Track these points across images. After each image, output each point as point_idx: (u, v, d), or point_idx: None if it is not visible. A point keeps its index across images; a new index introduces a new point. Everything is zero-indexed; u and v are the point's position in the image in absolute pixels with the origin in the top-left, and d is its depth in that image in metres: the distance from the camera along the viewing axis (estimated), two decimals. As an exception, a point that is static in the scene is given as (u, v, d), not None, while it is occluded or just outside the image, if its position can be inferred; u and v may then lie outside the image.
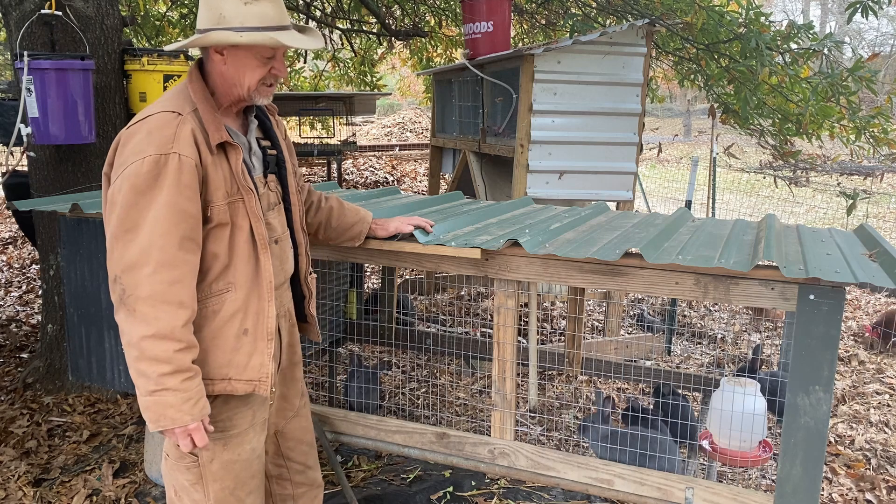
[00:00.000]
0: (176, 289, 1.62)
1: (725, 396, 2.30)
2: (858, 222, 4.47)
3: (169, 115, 1.68)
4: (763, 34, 4.46)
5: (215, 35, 1.69)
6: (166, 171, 1.62)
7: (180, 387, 1.63)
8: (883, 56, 18.79)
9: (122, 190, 1.62)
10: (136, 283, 1.61)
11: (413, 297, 5.64)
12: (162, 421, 1.64)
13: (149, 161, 1.61)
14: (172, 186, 1.62)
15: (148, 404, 1.64)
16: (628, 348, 4.56)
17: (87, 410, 3.75)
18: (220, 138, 1.72)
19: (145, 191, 1.61)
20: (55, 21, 3.43)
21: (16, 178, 4.04)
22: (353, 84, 8.69)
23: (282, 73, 1.80)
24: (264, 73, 1.76)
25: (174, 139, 1.64)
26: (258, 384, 1.79)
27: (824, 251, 2.17)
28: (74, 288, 2.64)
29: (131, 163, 1.62)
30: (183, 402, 1.63)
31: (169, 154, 1.62)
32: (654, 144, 12.96)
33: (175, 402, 1.63)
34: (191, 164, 1.65)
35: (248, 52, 1.72)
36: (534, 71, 4.14)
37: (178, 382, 1.62)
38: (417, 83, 15.27)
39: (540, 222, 2.58)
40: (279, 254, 1.89)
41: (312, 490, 2.15)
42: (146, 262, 1.60)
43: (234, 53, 1.73)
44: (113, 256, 1.64)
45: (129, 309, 1.62)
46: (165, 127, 1.66)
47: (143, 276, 1.60)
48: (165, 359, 1.61)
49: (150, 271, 1.60)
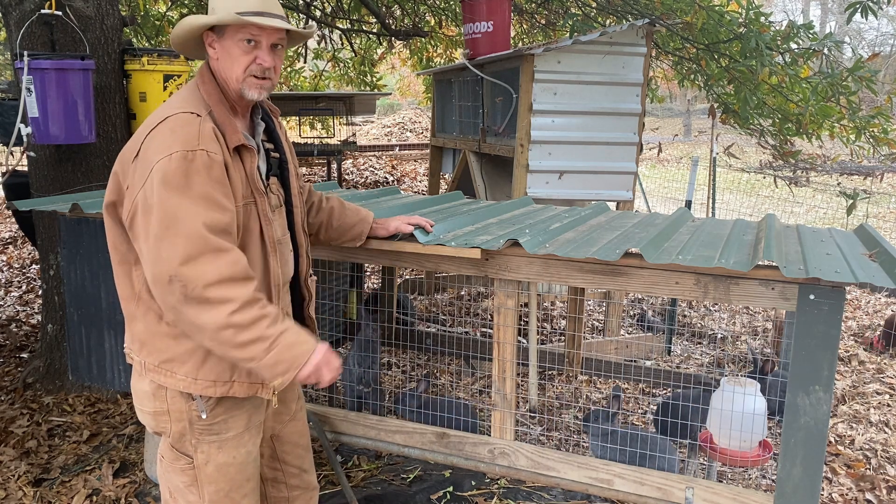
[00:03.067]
0: (238, 268, 1.61)
1: (725, 396, 2.30)
2: (858, 222, 4.47)
3: (188, 115, 1.67)
4: (763, 34, 4.46)
5: (191, 19, 1.72)
6: (195, 166, 1.60)
7: (288, 326, 1.65)
8: (883, 56, 18.80)
9: (155, 190, 1.59)
10: (197, 273, 1.56)
11: (413, 297, 5.64)
12: (298, 359, 1.64)
13: (176, 157, 1.59)
14: (204, 181, 1.61)
15: (275, 359, 1.62)
16: (628, 348, 4.56)
17: (87, 410, 3.75)
18: (238, 141, 1.72)
19: (178, 185, 1.58)
20: (55, 21, 3.42)
21: (16, 178, 4.03)
22: (353, 84, 8.69)
23: (266, 61, 1.76)
24: (248, 62, 1.74)
25: (199, 136, 1.63)
26: (261, 387, 1.79)
27: (824, 251, 2.17)
28: (74, 288, 2.65)
29: (157, 160, 1.60)
30: (299, 334, 1.66)
31: (196, 150, 1.61)
32: (654, 144, 12.96)
33: (296, 338, 1.65)
34: (219, 160, 1.65)
35: (231, 40, 1.73)
36: (534, 71, 4.14)
37: (284, 325, 1.64)
38: (417, 83, 15.28)
39: (540, 222, 2.58)
40: (279, 256, 1.89)
41: (307, 493, 2.15)
42: (200, 251, 1.57)
43: (221, 44, 1.75)
44: (162, 257, 1.58)
45: (200, 300, 1.57)
46: (188, 125, 1.65)
47: (204, 264, 1.57)
48: (260, 316, 1.61)
49: (209, 258, 1.58)
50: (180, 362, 1.73)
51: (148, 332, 1.75)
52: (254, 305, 1.61)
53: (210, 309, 1.58)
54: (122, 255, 1.78)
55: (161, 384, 1.76)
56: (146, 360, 1.77)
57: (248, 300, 1.60)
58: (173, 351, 1.73)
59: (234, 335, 1.59)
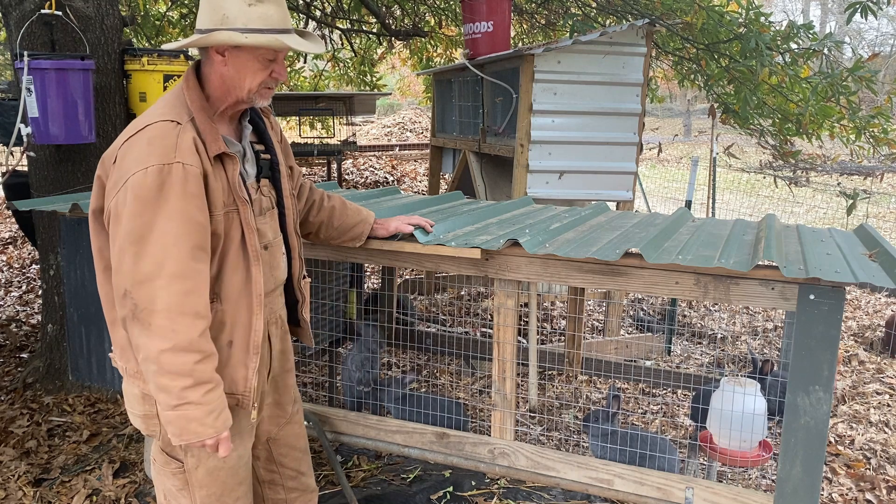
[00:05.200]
0: (191, 299, 1.59)
1: (725, 396, 2.30)
2: (858, 222, 4.46)
3: (168, 124, 1.65)
4: (763, 34, 4.46)
5: (219, 35, 1.66)
6: (171, 180, 1.58)
7: (202, 400, 1.61)
8: (883, 56, 18.79)
9: (127, 202, 1.57)
10: (149, 296, 1.56)
11: (413, 297, 5.64)
12: (185, 435, 1.63)
13: (152, 171, 1.57)
14: (179, 196, 1.58)
15: (171, 419, 1.62)
16: (628, 348, 4.56)
17: (87, 410, 3.75)
18: (218, 149, 1.69)
19: (151, 201, 1.56)
20: (55, 21, 3.43)
21: (16, 178, 4.04)
22: (353, 84, 8.69)
23: (282, 76, 1.78)
24: (265, 77, 1.73)
25: (176, 148, 1.61)
26: (241, 398, 1.78)
27: (824, 251, 2.17)
28: (74, 288, 2.65)
29: (133, 173, 1.57)
30: (206, 416, 1.62)
31: (172, 164, 1.59)
32: (654, 144, 12.96)
33: (198, 416, 1.61)
34: (196, 172, 1.62)
35: (251, 55, 1.70)
36: (534, 71, 4.14)
37: (201, 395, 1.60)
38: (417, 83, 15.28)
39: (540, 222, 2.58)
40: (269, 260, 1.87)
41: (305, 495, 2.14)
42: (158, 274, 1.56)
43: (236, 55, 1.70)
44: (122, 270, 1.58)
45: (144, 323, 1.57)
46: (166, 136, 1.62)
47: (157, 289, 1.56)
48: (186, 371, 1.58)
49: (164, 283, 1.56)
50: None
51: (126, 338, 1.73)
52: (187, 355, 1.58)
53: (150, 335, 1.58)
54: (107, 261, 1.75)
55: (144, 389, 1.75)
56: (127, 366, 1.77)
57: (185, 346, 1.58)
58: None
59: (155, 373, 1.59)
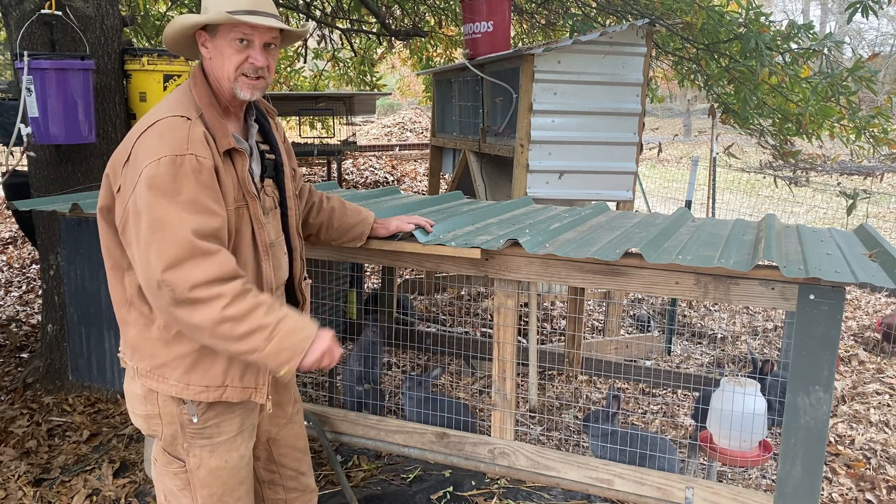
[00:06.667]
0: (226, 268, 1.59)
1: (725, 396, 2.30)
2: (858, 222, 4.46)
3: (178, 119, 1.66)
4: (763, 34, 4.46)
5: (182, 19, 1.70)
6: (184, 170, 1.58)
7: (286, 312, 1.63)
8: (883, 56, 18.79)
9: (143, 195, 1.57)
10: (184, 277, 1.55)
11: (413, 297, 5.64)
12: (301, 345, 1.62)
13: (165, 161, 1.58)
14: (193, 185, 1.59)
15: (278, 347, 1.60)
16: (628, 348, 4.56)
17: (87, 410, 3.75)
18: (228, 144, 1.70)
19: (166, 190, 1.57)
20: (55, 21, 3.43)
21: (16, 178, 4.04)
22: (353, 84, 8.69)
23: (259, 61, 1.74)
24: (240, 61, 1.73)
25: (188, 141, 1.62)
26: (254, 391, 1.78)
27: (824, 251, 2.17)
28: (74, 288, 2.65)
29: (146, 165, 1.58)
30: (298, 319, 1.64)
31: (185, 155, 1.59)
32: (654, 144, 12.96)
33: (295, 324, 1.63)
34: (209, 165, 1.63)
35: (223, 39, 1.72)
36: (534, 71, 4.14)
37: (281, 312, 1.62)
38: (417, 83, 15.27)
39: (540, 222, 2.58)
40: (272, 260, 1.87)
41: (305, 495, 2.14)
42: (187, 256, 1.55)
43: (214, 44, 1.74)
44: (150, 263, 1.56)
45: (190, 301, 1.56)
46: (177, 129, 1.63)
47: (190, 267, 1.55)
48: (254, 305, 1.59)
49: (196, 262, 1.55)
50: (172, 368, 1.72)
51: (140, 337, 1.74)
52: (246, 296, 1.59)
53: (201, 308, 1.56)
54: (116, 260, 1.76)
55: (152, 388, 1.75)
56: (138, 366, 1.76)
57: (239, 292, 1.58)
58: (165, 356, 1.72)
59: (232, 328, 1.57)
